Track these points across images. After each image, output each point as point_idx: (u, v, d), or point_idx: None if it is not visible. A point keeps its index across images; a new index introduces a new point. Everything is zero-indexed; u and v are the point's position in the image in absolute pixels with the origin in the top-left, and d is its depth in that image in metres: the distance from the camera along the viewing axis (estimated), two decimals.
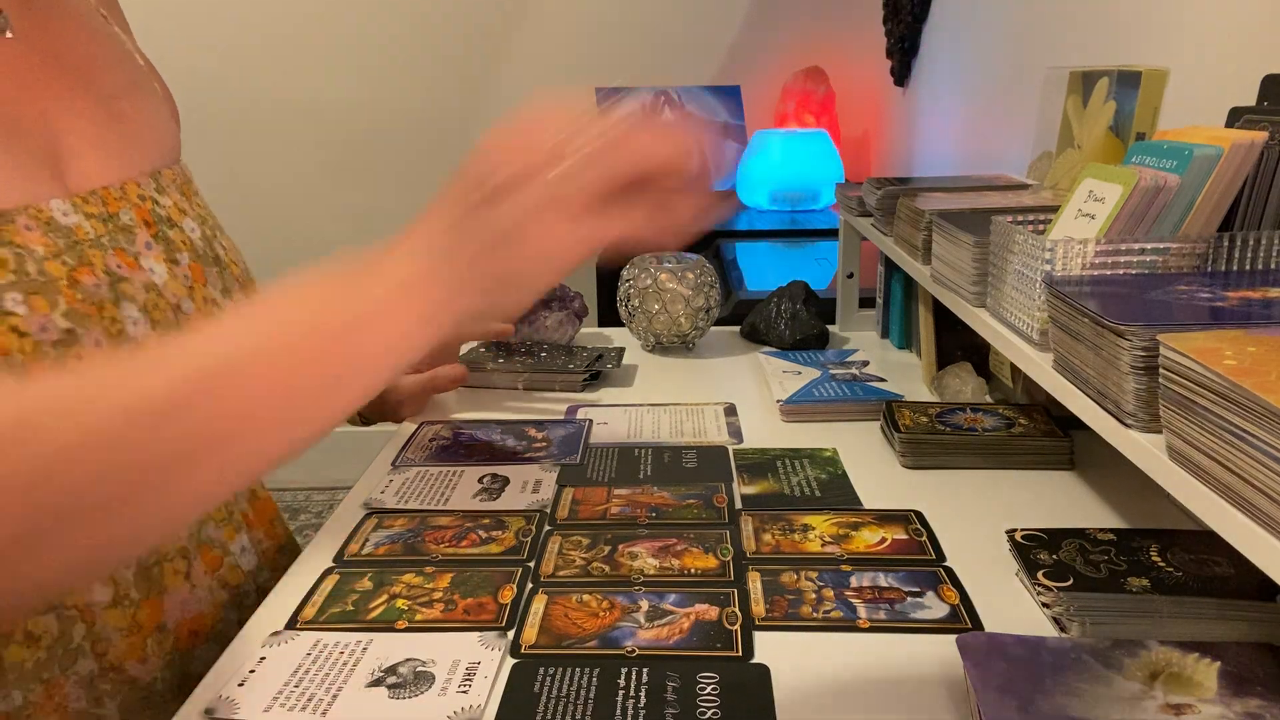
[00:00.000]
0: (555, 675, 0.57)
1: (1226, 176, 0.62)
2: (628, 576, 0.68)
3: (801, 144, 2.26)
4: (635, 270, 1.21)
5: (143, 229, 0.66)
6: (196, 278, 0.68)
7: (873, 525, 0.75)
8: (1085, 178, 0.70)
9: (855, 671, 0.58)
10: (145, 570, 0.63)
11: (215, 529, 0.69)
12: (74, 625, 0.59)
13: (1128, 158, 0.70)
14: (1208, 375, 0.43)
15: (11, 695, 0.57)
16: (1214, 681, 0.51)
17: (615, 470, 0.87)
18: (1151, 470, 0.50)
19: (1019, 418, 0.89)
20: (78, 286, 0.59)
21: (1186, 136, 0.66)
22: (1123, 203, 0.64)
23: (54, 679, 0.58)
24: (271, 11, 2.52)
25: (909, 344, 1.21)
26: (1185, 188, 0.63)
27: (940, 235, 0.86)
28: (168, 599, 0.64)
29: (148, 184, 0.68)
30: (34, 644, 0.58)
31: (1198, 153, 0.63)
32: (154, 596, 0.63)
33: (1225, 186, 0.63)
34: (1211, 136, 0.64)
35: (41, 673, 0.58)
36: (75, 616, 0.59)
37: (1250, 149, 0.62)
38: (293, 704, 0.55)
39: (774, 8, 2.53)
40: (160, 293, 0.65)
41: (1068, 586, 0.61)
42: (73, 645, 0.59)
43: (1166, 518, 0.73)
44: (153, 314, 0.63)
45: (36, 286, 0.57)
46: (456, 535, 0.75)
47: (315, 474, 2.73)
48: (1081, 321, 0.57)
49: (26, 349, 0.55)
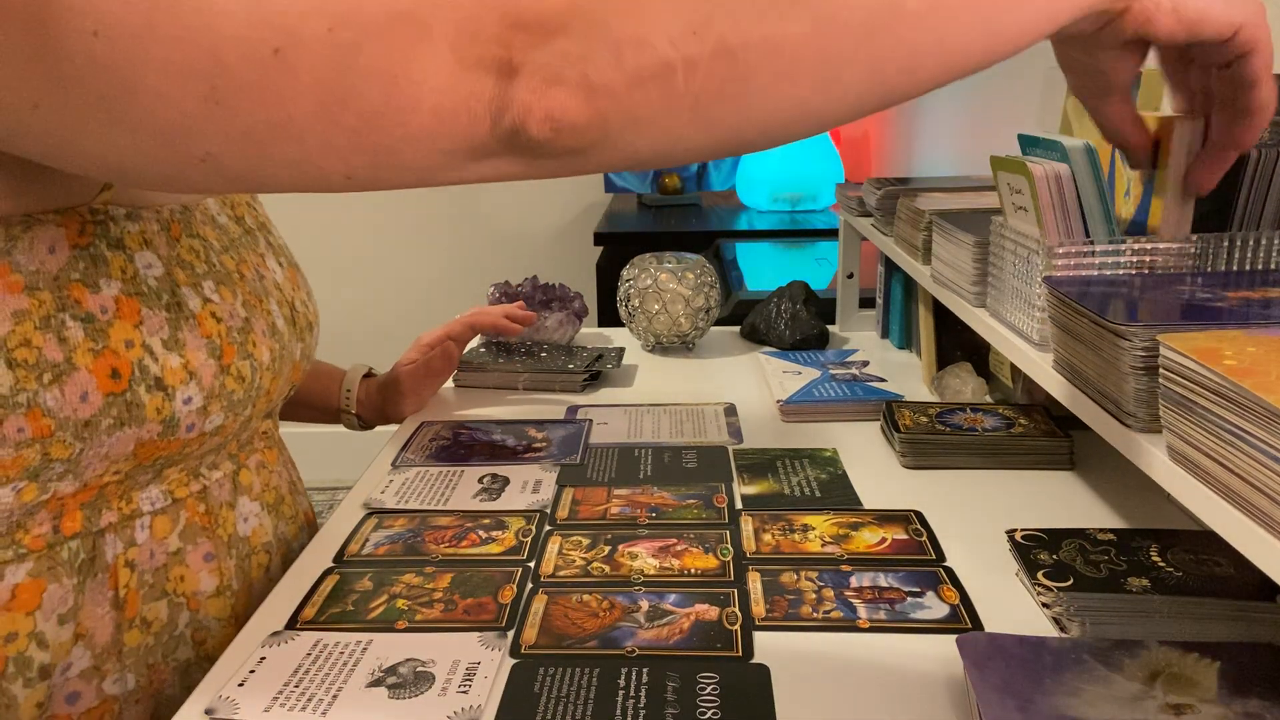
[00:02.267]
0: (555, 675, 0.57)
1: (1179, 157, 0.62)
2: (628, 576, 0.68)
3: (801, 144, 2.26)
4: (635, 270, 1.21)
5: (259, 232, 0.70)
6: (292, 280, 0.72)
7: (873, 525, 0.75)
8: (997, 171, 0.72)
9: (855, 671, 0.58)
10: (241, 562, 0.65)
11: (287, 525, 0.72)
12: (180, 613, 0.61)
13: (1023, 151, 0.73)
14: (1208, 375, 0.43)
15: (125, 678, 0.59)
16: (1214, 681, 0.51)
17: (615, 470, 0.87)
18: (1151, 470, 0.50)
19: (1019, 418, 0.89)
20: (244, 280, 0.63)
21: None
22: (1035, 192, 0.66)
23: (156, 664, 0.61)
24: None
25: (909, 344, 1.21)
26: (1081, 176, 0.65)
27: (940, 235, 0.86)
28: (253, 591, 0.67)
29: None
30: (147, 629, 0.60)
31: (1068, 144, 0.66)
32: (244, 589, 0.66)
33: (1178, 165, 0.63)
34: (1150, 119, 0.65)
35: (149, 658, 0.60)
36: (183, 604, 0.62)
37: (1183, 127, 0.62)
38: (293, 704, 0.55)
39: None
40: (282, 291, 0.68)
41: (1068, 586, 0.61)
42: (177, 632, 0.61)
43: (1166, 518, 0.73)
44: (283, 310, 0.67)
45: (221, 277, 0.61)
46: (456, 535, 0.75)
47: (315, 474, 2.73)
48: (1081, 321, 0.57)
49: (221, 333, 0.59)
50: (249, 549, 0.67)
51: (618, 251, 1.96)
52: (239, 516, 0.66)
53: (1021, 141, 0.72)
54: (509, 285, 1.24)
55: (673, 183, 2.37)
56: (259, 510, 0.68)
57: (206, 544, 0.63)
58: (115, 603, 0.58)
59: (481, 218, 2.69)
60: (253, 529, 0.67)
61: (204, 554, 0.63)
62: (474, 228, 2.69)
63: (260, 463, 0.70)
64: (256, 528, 0.67)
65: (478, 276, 2.67)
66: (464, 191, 2.66)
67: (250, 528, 0.67)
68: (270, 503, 0.69)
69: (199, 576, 0.62)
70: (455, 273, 2.70)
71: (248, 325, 0.61)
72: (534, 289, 1.24)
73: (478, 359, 1.14)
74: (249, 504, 0.67)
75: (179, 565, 0.61)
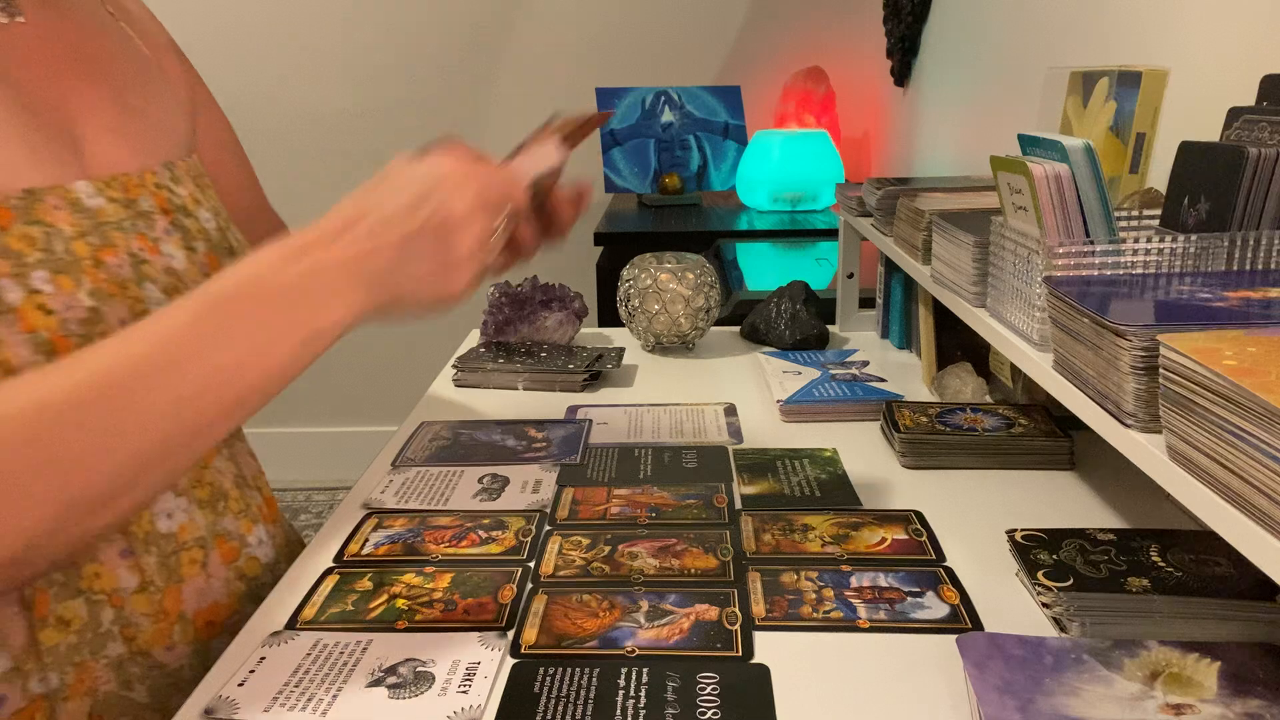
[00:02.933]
0: (555, 675, 0.57)
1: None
2: (628, 576, 0.68)
3: (801, 144, 2.26)
4: (635, 270, 1.21)
5: (161, 216, 0.67)
6: (213, 266, 0.69)
7: (873, 525, 0.75)
8: (997, 171, 0.72)
9: (855, 671, 0.58)
10: (165, 558, 0.64)
11: (232, 521, 0.70)
12: (103, 610, 0.60)
13: (1023, 151, 0.73)
14: (1208, 375, 0.43)
15: (49, 677, 0.58)
16: (1214, 681, 0.51)
17: (615, 470, 0.87)
18: (1151, 470, 0.50)
19: (1019, 418, 0.89)
20: (102, 266, 0.60)
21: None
22: (1035, 192, 0.66)
23: (85, 662, 0.60)
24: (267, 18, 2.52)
25: (909, 344, 1.21)
26: (1081, 176, 0.65)
27: (940, 235, 0.86)
28: (186, 588, 0.65)
29: (163, 173, 0.69)
30: (65, 627, 0.59)
31: (1068, 144, 0.66)
32: (174, 584, 0.64)
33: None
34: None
35: (74, 656, 0.59)
36: (104, 601, 0.61)
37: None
38: (293, 704, 0.55)
39: (774, 8, 2.53)
40: (180, 278, 0.66)
41: (1068, 586, 0.61)
42: (102, 629, 0.60)
43: (1166, 518, 0.73)
44: (172, 297, 0.64)
45: (63, 265, 0.58)
46: (456, 535, 0.75)
47: (315, 474, 2.73)
48: (1081, 321, 0.57)
49: (53, 326, 0.56)
50: (175, 545, 0.65)
51: (618, 251, 1.96)
52: (160, 513, 0.64)
53: (1021, 141, 0.72)
54: (509, 285, 1.24)
55: (673, 183, 2.37)
56: (186, 506, 0.66)
57: (121, 540, 0.61)
58: (24, 603, 0.57)
59: None
60: (179, 525, 0.65)
61: (119, 550, 0.61)
62: None
63: None
64: (185, 523, 0.65)
65: None
66: None
67: (176, 524, 0.65)
68: (204, 498, 0.67)
69: (117, 573, 0.61)
70: None
71: (96, 316, 0.58)
72: (534, 289, 1.24)
73: (478, 359, 1.14)
74: (172, 500, 0.65)
75: (92, 562, 0.60)
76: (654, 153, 2.40)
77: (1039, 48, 1.35)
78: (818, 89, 2.40)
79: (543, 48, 2.56)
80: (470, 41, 2.55)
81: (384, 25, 2.53)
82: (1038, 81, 1.03)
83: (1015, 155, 0.71)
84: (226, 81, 2.55)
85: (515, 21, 2.55)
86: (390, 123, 2.57)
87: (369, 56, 2.55)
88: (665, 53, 2.55)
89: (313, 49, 2.54)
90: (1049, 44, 1.31)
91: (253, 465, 0.77)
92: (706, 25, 2.54)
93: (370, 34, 2.54)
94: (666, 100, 2.40)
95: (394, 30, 2.54)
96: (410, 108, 2.57)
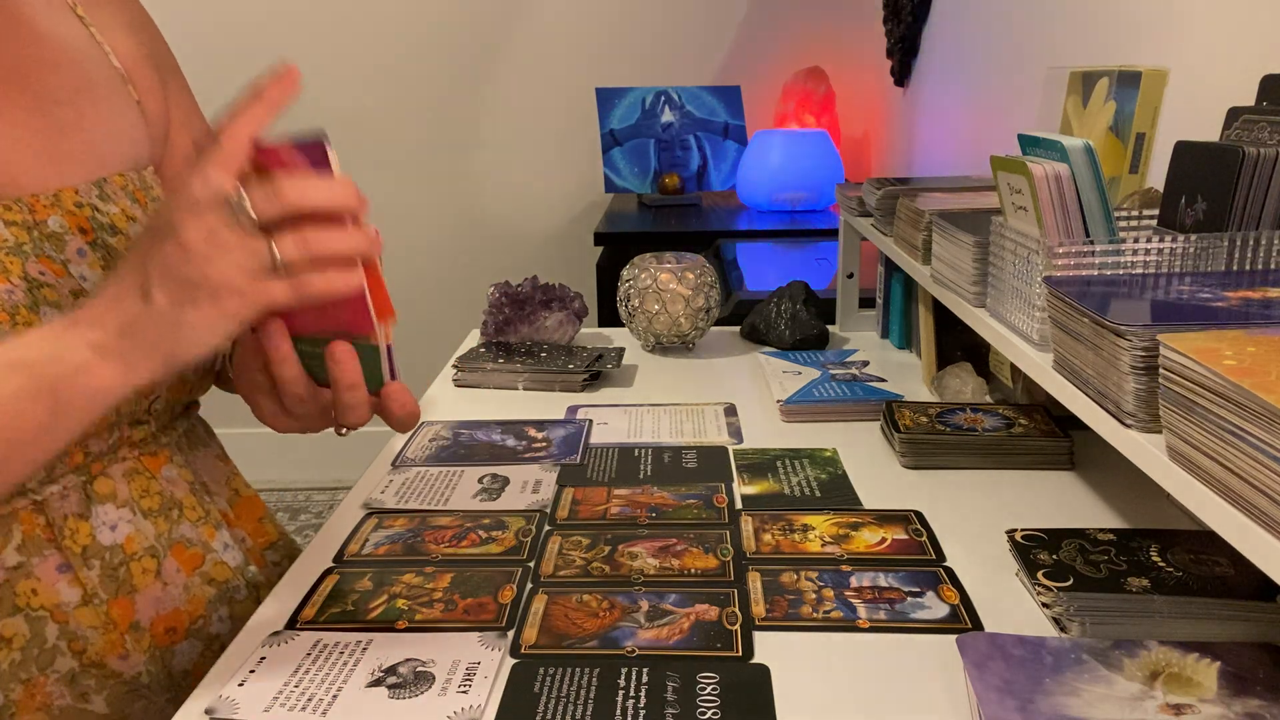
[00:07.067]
0: (555, 675, 0.57)
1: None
2: (628, 576, 0.68)
3: (801, 144, 2.26)
4: (635, 270, 1.21)
5: (76, 236, 0.64)
6: None
7: (873, 525, 0.75)
8: (997, 171, 0.72)
9: (855, 671, 0.58)
10: (111, 571, 0.63)
11: (191, 529, 0.69)
12: (45, 626, 0.60)
13: (1023, 151, 0.73)
14: (1208, 375, 0.43)
15: None
16: (1214, 681, 0.51)
17: (615, 470, 0.87)
18: (1151, 470, 0.50)
19: (1019, 418, 0.89)
20: None
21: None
22: (1035, 192, 0.66)
23: (33, 678, 0.59)
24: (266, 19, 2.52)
25: (909, 344, 1.21)
26: (1081, 176, 0.66)
27: (940, 235, 0.86)
28: (139, 598, 0.64)
29: (89, 191, 0.66)
30: (7, 646, 0.59)
31: (1068, 144, 0.66)
32: (123, 595, 0.64)
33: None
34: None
35: (19, 673, 0.59)
36: (45, 617, 0.60)
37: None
38: (293, 704, 0.55)
39: (774, 8, 2.53)
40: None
41: (1068, 586, 0.61)
42: (48, 645, 0.60)
43: (1166, 518, 0.73)
44: None
45: None
46: (456, 535, 0.75)
47: (315, 474, 2.73)
48: (1081, 321, 0.57)
49: None
50: (123, 556, 0.64)
51: (618, 251, 1.96)
52: (101, 525, 0.63)
53: (1021, 141, 0.72)
54: (509, 285, 1.24)
55: (673, 183, 2.37)
56: (131, 516, 0.65)
57: (55, 556, 0.61)
58: None
59: (481, 218, 2.68)
60: (125, 536, 0.64)
61: (55, 565, 0.61)
62: (474, 228, 2.69)
63: (133, 470, 0.66)
64: (131, 534, 0.65)
65: (477, 276, 2.67)
66: (464, 191, 2.66)
67: (121, 535, 0.64)
68: (153, 508, 0.67)
69: (56, 588, 0.61)
70: (455, 273, 2.69)
71: None
72: (534, 289, 1.24)
73: (478, 359, 1.14)
74: (113, 511, 0.64)
75: (26, 579, 0.60)
76: (654, 153, 2.40)
77: (1039, 48, 1.35)
78: (818, 89, 2.40)
79: (543, 48, 2.56)
80: (470, 41, 2.55)
81: (384, 25, 2.53)
82: (1038, 81, 1.03)
83: (1015, 155, 0.72)
84: (226, 83, 2.55)
85: (515, 21, 2.55)
86: (390, 123, 2.57)
87: (369, 57, 2.55)
88: (665, 53, 2.55)
89: (312, 50, 2.54)
90: (1049, 44, 1.31)
91: (221, 470, 0.75)
92: (706, 25, 2.54)
93: (370, 34, 2.54)
94: (666, 100, 2.40)
95: (394, 31, 2.54)
96: (410, 108, 2.57)
